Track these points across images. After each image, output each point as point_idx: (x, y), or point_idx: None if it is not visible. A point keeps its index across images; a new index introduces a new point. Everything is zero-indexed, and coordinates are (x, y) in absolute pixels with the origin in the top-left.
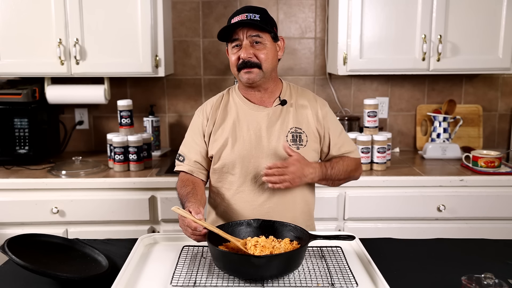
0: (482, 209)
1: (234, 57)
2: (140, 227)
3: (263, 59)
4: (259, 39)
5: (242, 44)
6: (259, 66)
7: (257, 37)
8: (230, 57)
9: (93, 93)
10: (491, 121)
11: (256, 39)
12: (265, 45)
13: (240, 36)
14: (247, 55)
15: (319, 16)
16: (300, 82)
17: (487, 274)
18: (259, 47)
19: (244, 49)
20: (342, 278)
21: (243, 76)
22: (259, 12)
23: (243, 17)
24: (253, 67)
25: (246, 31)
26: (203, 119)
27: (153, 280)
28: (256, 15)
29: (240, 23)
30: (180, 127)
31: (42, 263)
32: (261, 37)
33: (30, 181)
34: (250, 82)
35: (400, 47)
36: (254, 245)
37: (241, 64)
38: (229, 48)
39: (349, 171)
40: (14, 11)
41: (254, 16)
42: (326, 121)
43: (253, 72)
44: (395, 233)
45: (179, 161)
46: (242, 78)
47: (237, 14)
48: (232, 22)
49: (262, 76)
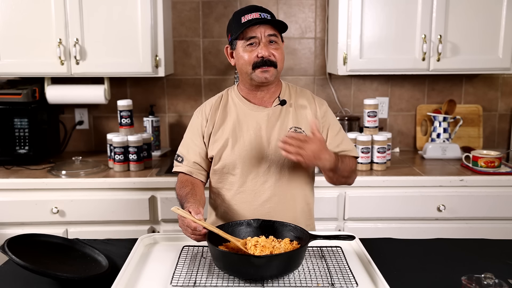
0: (482, 209)
1: (250, 55)
2: (140, 227)
3: (279, 58)
4: (275, 39)
5: (260, 42)
6: (275, 65)
7: (274, 37)
8: (241, 55)
9: (93, 93)
10: (491, 121)
11: (272, 39)
12: (279, 45)
13: (258, 34)
14: (268, 53)
15: (319, 16)
16: (300, 82)
17: (487, 274)
18: (275, 47)
19: (265, 47)
20: (342, 278)
21: (259, 75)
22: (269, 12)
23: (256, 15)
24: (270, 66)
25: (264, 30)
26: (202, 120)
27: (153, 280)
28: (268, 15)
29: (259, 20)
30: (180, 127)
31: (42, 263)
32: (277, 37)
33: (30, 181)
34: (266, 81)
35: (400, 47)
36: (254, 245)
37: (260, 62)
38: (240, 47)
39: (351, 171)
40: (14, 11)
41: (266, 15)
42: (324, 120)
43: (269, 71)
44: (395, 233)
45: (178, 162)
46: (257, 76)
47: (248, 12)
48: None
49: (276, 75)
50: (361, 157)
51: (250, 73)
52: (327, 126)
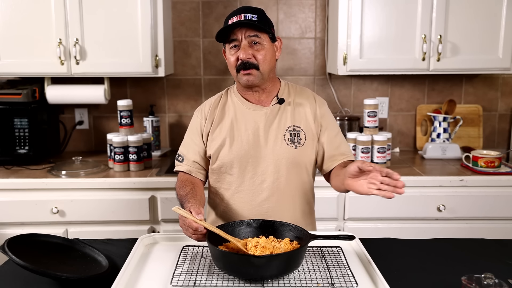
0: (482, 209)
1: (233, 58)
2: (140, 227)
3: (261, 60)
4: (258, 40)
5: (240, 44)
6: (256, 67)
7: (255, 37)
8: (228, 58)
9: (93, 93)
10: (491, 121)
11: (254, 40)
12: (263, 46)
13: (238, 36)
14: (246, 55)
15: (319, 16)
16: (300, 82)
17: (487, 274)
18: (258, 48)
19: (243, 50)
20: (342, 278)
21: (242, 77)
22: (256, 12)
23: (240, 17)
24: (251, 68)
25: (245, 32)
26: (202, 119)
27: (153, 280)
28: (253, 16)
29: (238, 23)
30: (180, 127)
31: (42, 263)
32: (260, 38)
33: (30, 181)
34: (249, 84)
35: (400, 47)
36: (254, 245)
37: (240, 65)
38: (227, 49)
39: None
40: (14, 11)
41: (252, 16)
42: (323, 120)
43: (251, 74)
44: (395, 233)
45: (178, 161)
46: (241, 79)
47: (235, 14)
48: (230, 23)
49: (261, 77)
50: (361, 157)
51: (236, 75)
52: (325, 127)
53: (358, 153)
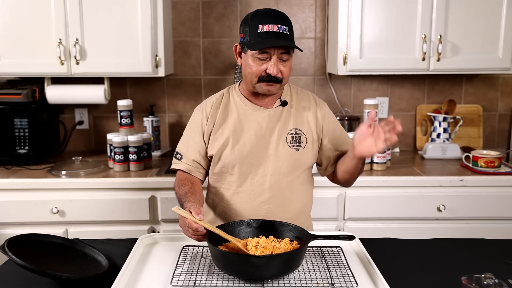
0: (482, 209)
1: (258, 67)
2: (140, 227)
3: (286, 75)
4: (287, 57)
5: (271, 58)
6: (280, 82)
7: (286, 55)
8: (249, 64)
9: (93, 93)
10: (491, 121)
11: (284, 57)
12: (289, 61)
13: (271, 50)
14: (276, 72)
15: (319, 16)
16: (300, 82)
17: (487, 274)
18: (285, 64)
19: (275, 66)
20: (342, 278)
21: (263, 87)
22: (287, 23)
23: (274, 28)
24: (276, 82)
25: (278, 49)
26: (203, 118)
27: (153, 280)
28: (285, 28)
29: (276, 41)
30: (180, 127)
31: (42, 263)
32: (289, 54)
33: (30, 181)
34: (268, 94)
35: (400, 47)
36: (254, 246)
37: (266, 78)
38: (251, 55)
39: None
40: (14, 11)
41: (284, 29)
42: (325, 121)
43: (274, 86)
44: (395, 233)
45: (177, 159)
46: (261, 88)
47: (267, 21)
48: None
49: (279, 88)
50: None
51: (254, 83)
52: (327, 127)
53: None
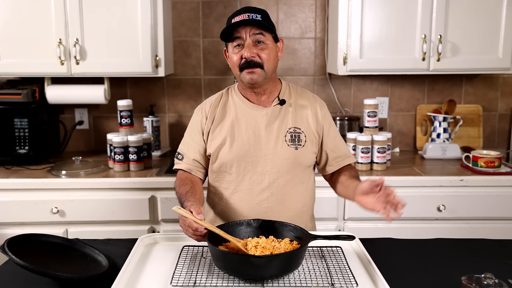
0: (482, 209)
1: (236, 56)
2: (140, 227)
3: (266, 59)
4: (262, 38)
5: (244, 43)
6: (261, 66)
7: (260, 36)
8: (231, 57)
9: (93, 93)
10: (491, 121)
11: (259, 38)
12: (267, 45)
13: (242, 35)
14: (250, 54)
15: (319, 16)
16: (300, 82)
17: (487, 274)
18: (262, 47)
19: (248, 48)
20: (342, 278)
21: (245, 76)
22: (260, 12)
23: (244, 16)
24: (255, 67)
25: (249, 30)
26: (202, 117)
27: (153, 280)
28: (257, 15)
29: (243, 21)
30: (180, 127)
31: (42, 263)
32: (264, 36)
33: (30, 181)
34: (252, 83)
35: (400, 47)
36: (254, 246)
37: (244, 64)
38: (230, 48)
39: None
40: (14, 11)
41: (255, 16)
42: (325, 122)
43: (255, 73)
44: (395, 233)
45: (178, 159)
46: (244, 78)
47: (238, 14)
48: (234, 22)
49: (264, 76)
50: (361, 157)
51: (239, 74)
52: (327, 129)
53: (358, 153)
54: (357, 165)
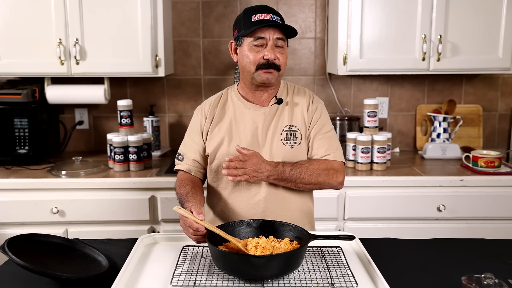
0: (482, 209)
1: (257, 55)
2: (140, 227)
3: (283, 63)
4: (282, 44)
5: (267, 44)
6: (279, 69)
7: (281, 41)
8: (246, 54)
9: (93, 93)
10: (491, 121)
11: (280, 43)
12: (285, 49)
13: (266, 35)
14: (274, 56)
15: (319, 16)
16: (300, 82)
17: (487, 274)
18: (281, 51)
19: (272, 50)
20: (342, 278)
21: (261, 75)
22: (279, 15)
23: (267, 16)
24: (274, 69)
25: (273, 33)
26: (202, 118)
27: (153, 280)
28: (278, 18)
29: (271, 23)
30: (180, 127)
31: (42, 263)
32: (284, 41)
33: (30, 181)
34: (267, 82)
35: (400, 47)
36: (255, 246)
37: (265, 64)
38: (247, 44)
39: (319, 175)
40: (14, 11)
41: (277, 18)
42: (314, 114)
43: (272, 73)
44: (395, 233)
45: (178, 160)
46: (259, 76)
47: (260, 11)
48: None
49: (277, 78)
50: (361, 157)
51: (253, 72)
52: (316, 120)
53: (358, 153)
54: (357, 165)
